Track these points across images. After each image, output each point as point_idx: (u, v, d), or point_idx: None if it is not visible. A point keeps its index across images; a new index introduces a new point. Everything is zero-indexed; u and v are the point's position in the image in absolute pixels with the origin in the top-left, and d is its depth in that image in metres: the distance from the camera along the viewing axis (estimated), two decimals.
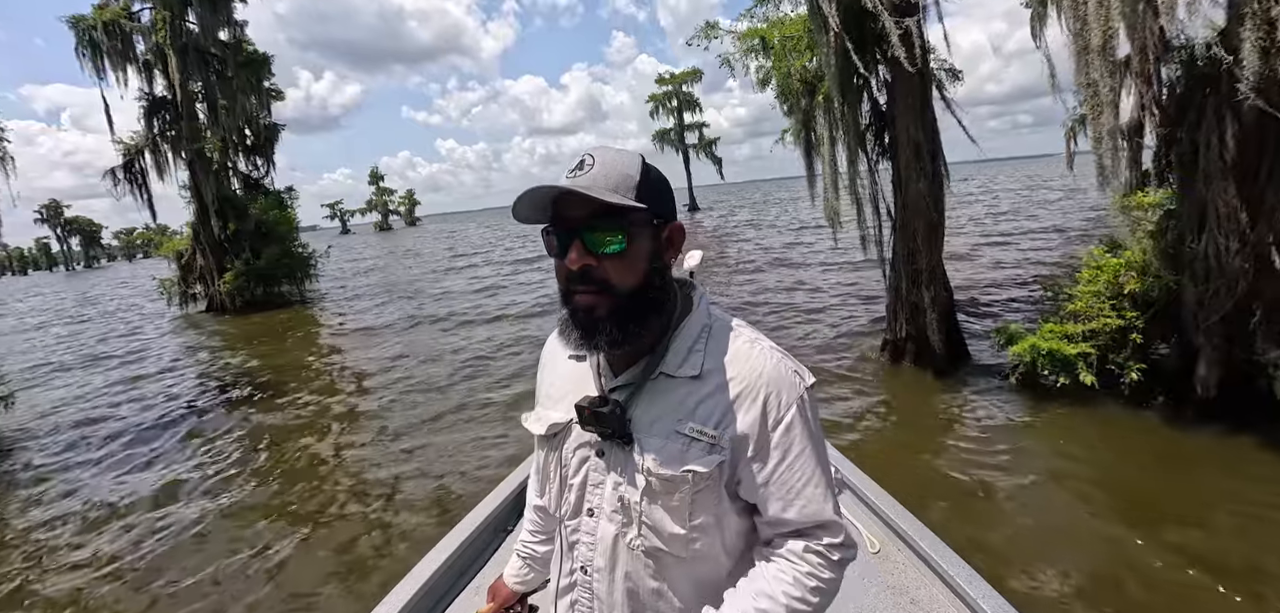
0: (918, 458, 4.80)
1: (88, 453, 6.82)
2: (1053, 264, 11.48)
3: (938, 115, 6.03)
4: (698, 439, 0.82)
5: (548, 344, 1.04)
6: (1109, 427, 4.78)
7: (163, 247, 19.68)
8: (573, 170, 0.78)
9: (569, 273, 0.80)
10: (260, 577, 4.00)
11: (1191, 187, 4.55)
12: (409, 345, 10.82)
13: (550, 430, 0.95)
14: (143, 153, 16.83)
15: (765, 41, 6.50)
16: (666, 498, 0.83)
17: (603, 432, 0.86)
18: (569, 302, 0.83)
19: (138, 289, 29.71)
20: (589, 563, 0.91)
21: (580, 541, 0.92)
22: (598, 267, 0.79)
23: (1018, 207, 24.48)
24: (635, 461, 0.84)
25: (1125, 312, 4.88)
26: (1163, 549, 3.40)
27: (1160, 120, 4.69)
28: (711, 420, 0.82)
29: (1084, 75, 3.76)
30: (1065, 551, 3.51)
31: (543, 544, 1.17)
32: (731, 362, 0.85)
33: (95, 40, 15.42)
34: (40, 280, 70.47)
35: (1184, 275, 4.63)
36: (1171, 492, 4.00)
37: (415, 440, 6.19)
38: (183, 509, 5.12)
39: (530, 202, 0.79)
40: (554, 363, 1.01)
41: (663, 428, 0.84)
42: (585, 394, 0.89)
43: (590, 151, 0.80)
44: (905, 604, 1.86)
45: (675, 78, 43.59)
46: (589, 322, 0.81)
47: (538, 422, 0.98)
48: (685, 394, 0.84)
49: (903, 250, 6.39)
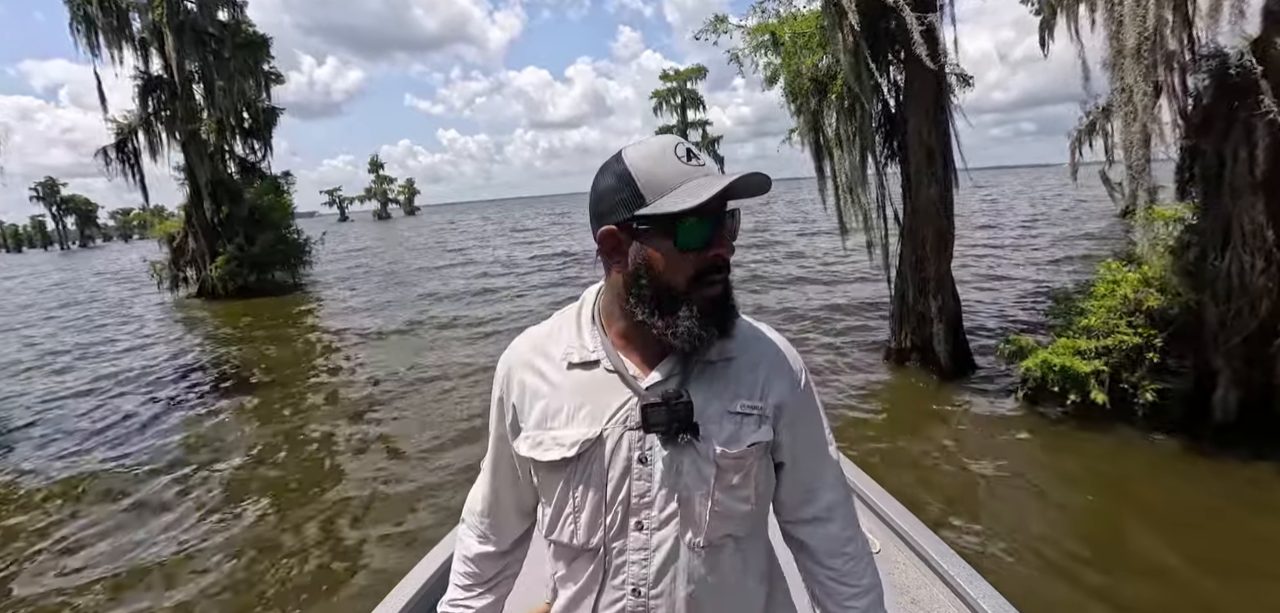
0: (919, 473, 4.63)
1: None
2: (1050, 269, 11.33)
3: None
4: (749, 414, 0.85)
5: (516, 359, 0.92)
6: (1123, 451, 4.61)
7: (155, 229, 19.39)
8: (696, 161, 0.80)
9: (710, 264, 0.80)
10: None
11: (1216, 201, 4.38)
12: (401, 342, 10.62)
13: (581, 450, 0.83)
14: (136, 132, 16.53)
15: (776, 37, 6.31)
16: (734, 478, 0.84)
17: (670, 429, 0.81)
18: (700, 292, 0.80)
19: (120, 275, 29.33)
20: (642, 582, 0.84)
21: (627, 561, 0.84)
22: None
23: (1022, 215, 24.36)
24: (701, 449, 0.82)
25: (1142, 329, 4.71)
26: (1165, 586, 3.23)
27: (1184, 131, 4.52)
28: (755, 394, 0.86)
29: (1119, 79, 3.58)
30: (1069, 585, 3.33)
31: (479, 599, 1.03)
32: (751, 342, 0.90)
33: (90, 16, 15.12)
34: (31, 258, 69.96)
35: (1205, 294, 4.46)
36: (1185, 523, 3.83)
37: (412, 445, 6.00)
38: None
39: (732, 192, 0.78)
40: (540, 377, 0.88)
41: (717, 411, 0.84)
42: (618, 400, 0.83)
43: (679, 141, 0.80)
44: (906, 604, 1.85)
45: (680, 75, 43.31)
46: (725, 309, 0.81)
47: (550, 446, 0.85)
48: (727, 376, 0.86)
49: (910, 258, 6.22)
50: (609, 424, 0.83)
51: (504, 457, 0.96)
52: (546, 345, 0.90)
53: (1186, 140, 4.56)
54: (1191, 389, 4.67)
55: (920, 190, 5.85)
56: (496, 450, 0.98)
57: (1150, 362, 4.69)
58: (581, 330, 0.89)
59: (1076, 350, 4.96)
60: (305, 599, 3.62)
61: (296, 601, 3.62)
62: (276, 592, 3.70)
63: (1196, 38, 4.52)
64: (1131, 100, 3.60)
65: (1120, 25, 3.51)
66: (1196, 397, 4.64)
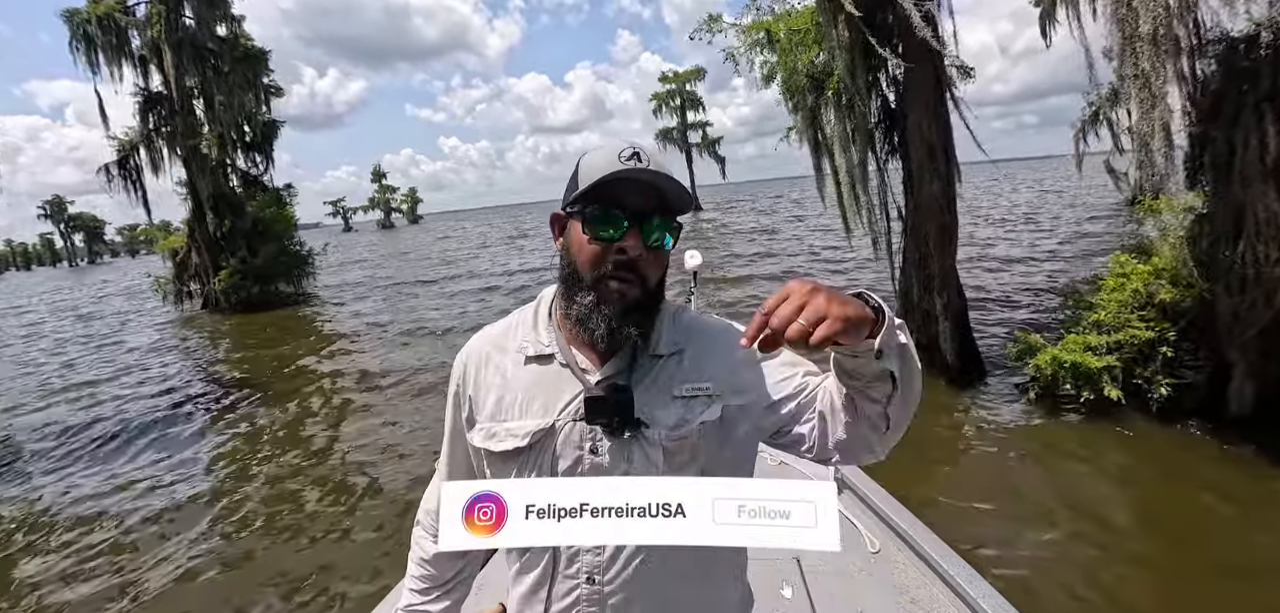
0: (927, 474, 4.52)
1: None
2: (1056, 261, 11.17)
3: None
4: (695, 396, 0.86)
5: (474, 353, 0.95)
6: (1137, 447, 4.48)
7: (158, 244, 19.45)
8: (628, 157, 0.80)
9: (615, 260, 0.81)
10: None
11: (1227, 190, 4.25)
12: (403, 352, 10.57)
13: (532, 440, 0.86)
14: (137, 149, 16.57)
15: (771, 35, 6.21)
16: (682, 459, 0.85)
17: (610, 420, 0.84)
18: (599, 287, 0.83)
19: (122, 289, 29.50)
20: (596, 569, 0.86)
21: (580, 549, 0.86)
22: (643, 258, 0.82)
23: (1026, 208, 24.12)
24: (649, 436, 0.84)
25: (1155, 322, 4.59)
26: (1189, 581, 3.11)
27: (1194, 118, 4.40)
28: (701, 378, 0.87)
29: (1132, 65, 3.47)
30: (1086, 582, 3.22)
31: (436, 602, 1.04)
32: (697, 333, 0.92)
33: (90, 34, 15.18)
34: (39, 276, 70.51)
35: (1218, 285, 4.34)
36: (1199, 516, 3.71)
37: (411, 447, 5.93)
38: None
39: (621, 182, 0.80)
40: (496, 370, 0.92)
41: (661, 400, 0.86)
42: (569, 392, 0.86)
43: (633, 144, 0.82)
44: (905, 604, 1.85)
45: (678, 77, 43.24)
46: (622, 309, 0.82)
47: (504, 436, 0.88)
48: (671, 368, 0.89)
49: (914, 254, 6.10)
50: (560, 415, 0.86)
51: (459, 453, 0.98)
52: (503, 340, 0.94)
53: (1195, 127, 4.44)
54: (1206, 383, 4.55)
55: (922, 186, 5.74)
56: (452, 447, 0.99)
57: (1163, 356, 4.57)
58: (537, 326, 0.92)
59: (1087, 346, 4.84)
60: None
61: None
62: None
63: (1201, 22, 4.40)
64: (1148, 87, 3.47)
65: (1131, 10, 3.39)
66: (1211, 390, 4.52)
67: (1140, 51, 3.79)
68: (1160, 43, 3.73)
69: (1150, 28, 3.68)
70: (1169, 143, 4.08)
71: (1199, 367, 4.60)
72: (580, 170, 0.85)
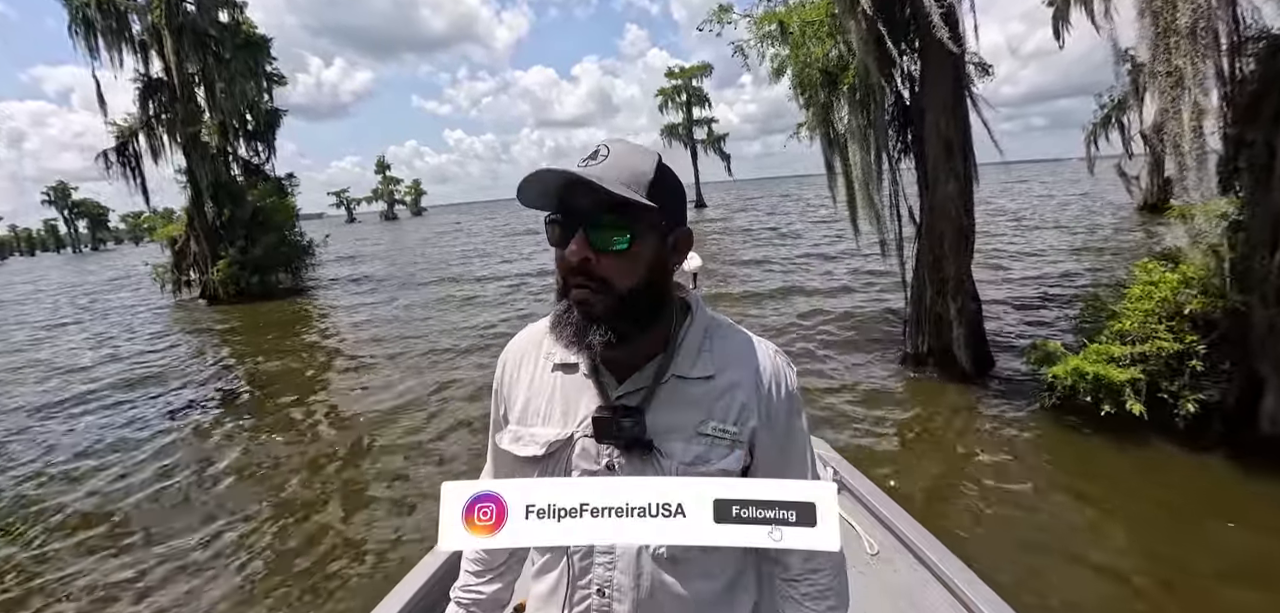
0: (941, 487, 4.31)
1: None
2: (1067, 265, 10.93)
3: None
4: (720, 438, 0.83)
5: (513, 352, 0.95)
6: (1158, 464, 4.27)
7: (157, 232, 19.31)
8: (586, 159, 0.77)
9: (569, 265, 0.78)
10: None
11: (1265, 195, 4.03)
12: (404, 355, 10.40)
13: (549, 450, 0.86)
14: (137, 135, 16.41)
15: (784, 27, 5.99)
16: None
17: (621, 442, 0.82)
18: (565, 295, 0.80)
19: (126, 281, 29.36)
20: (608, 584, 0.85)
21: (594, 564, 0.86)
22: (597, 263, 0.77)
23: (1038, 212, 23.83)
24: (662, 465, 0.82)
25: (1184, 334, 4.37)
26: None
27: (1230, 119, 4.17)
28: (730, 417, 0.83)
29: (1165, 62, 3.25)
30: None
31: (489, 584, 1.05)
32: (738, 360, 0.87)
33: (89, 18, 14.99)
34: (43, 261, 70.68)
35: (1253, 295, 4.12)
36: (1224, 541, 3.50)
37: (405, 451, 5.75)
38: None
39: (538, 185, 0.77)
40: (528, 374, 0.92)
41: (683, 432, 0.83)
42: (588, 406, 0.85)
43: (606, 142, 0.79)
44: (904, 607, 1.85)
45: (685, 72, 42.98)
46: (583, 318, 0.78)
47: (527, 442, 0.88)
48: (700, 395, 0.84)
49: (928, 257, 5.89)
50: (579, 428, 0.84)
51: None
52: (539, 342, 0.92)
53: (1231, 129, 4.21)
54: (1236, 399, 4.33)
55: (938, 186, 5.52)
56: (494, 440, 0.99)
57: (1192, 370, 4.35)
58: None
59: (1110, 357, 4.62)
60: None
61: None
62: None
63: (1241, 18, 4.18)
64: (1181, 85, 3.25)
65: (1169, 1, 3.17)
66: (1239, 407, 4.30)
67: (1176, 47, 3.56)
68: (1199, 37, 3.49)
69: (1189, 21, 3.44)
70: (1203, 146, 3.87)
71: (1228, 382, 4.38)
72: None
